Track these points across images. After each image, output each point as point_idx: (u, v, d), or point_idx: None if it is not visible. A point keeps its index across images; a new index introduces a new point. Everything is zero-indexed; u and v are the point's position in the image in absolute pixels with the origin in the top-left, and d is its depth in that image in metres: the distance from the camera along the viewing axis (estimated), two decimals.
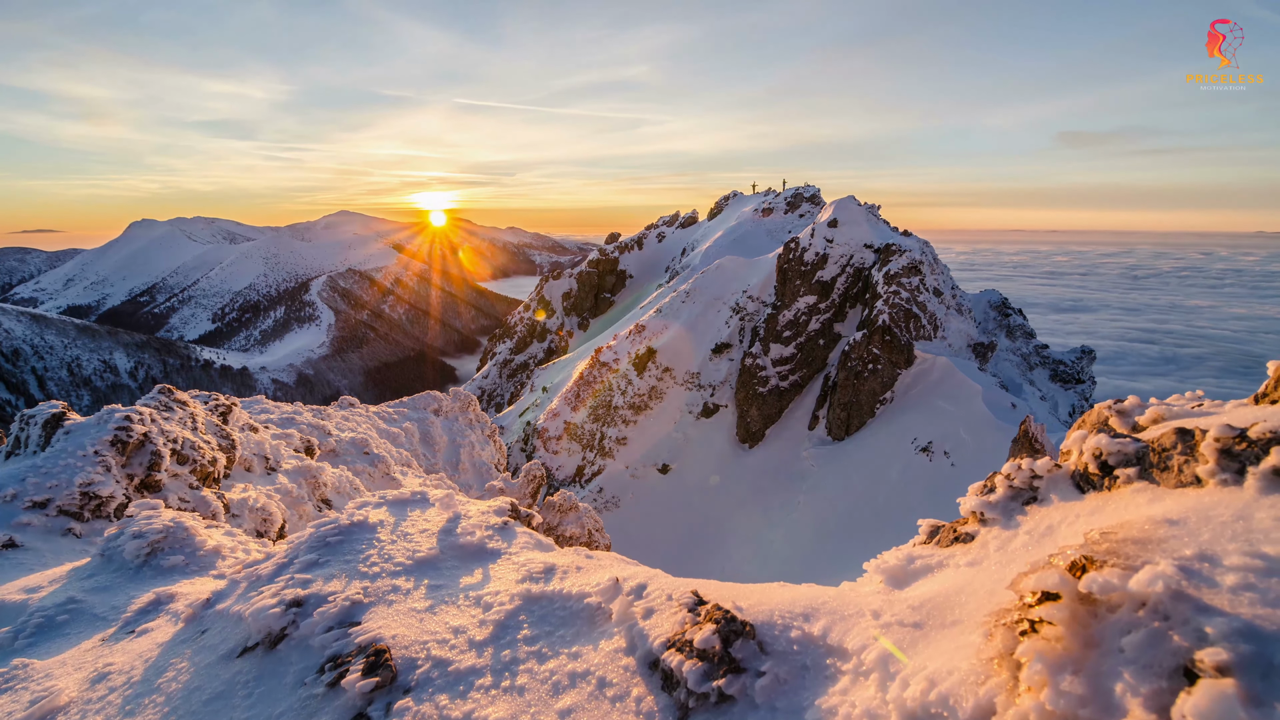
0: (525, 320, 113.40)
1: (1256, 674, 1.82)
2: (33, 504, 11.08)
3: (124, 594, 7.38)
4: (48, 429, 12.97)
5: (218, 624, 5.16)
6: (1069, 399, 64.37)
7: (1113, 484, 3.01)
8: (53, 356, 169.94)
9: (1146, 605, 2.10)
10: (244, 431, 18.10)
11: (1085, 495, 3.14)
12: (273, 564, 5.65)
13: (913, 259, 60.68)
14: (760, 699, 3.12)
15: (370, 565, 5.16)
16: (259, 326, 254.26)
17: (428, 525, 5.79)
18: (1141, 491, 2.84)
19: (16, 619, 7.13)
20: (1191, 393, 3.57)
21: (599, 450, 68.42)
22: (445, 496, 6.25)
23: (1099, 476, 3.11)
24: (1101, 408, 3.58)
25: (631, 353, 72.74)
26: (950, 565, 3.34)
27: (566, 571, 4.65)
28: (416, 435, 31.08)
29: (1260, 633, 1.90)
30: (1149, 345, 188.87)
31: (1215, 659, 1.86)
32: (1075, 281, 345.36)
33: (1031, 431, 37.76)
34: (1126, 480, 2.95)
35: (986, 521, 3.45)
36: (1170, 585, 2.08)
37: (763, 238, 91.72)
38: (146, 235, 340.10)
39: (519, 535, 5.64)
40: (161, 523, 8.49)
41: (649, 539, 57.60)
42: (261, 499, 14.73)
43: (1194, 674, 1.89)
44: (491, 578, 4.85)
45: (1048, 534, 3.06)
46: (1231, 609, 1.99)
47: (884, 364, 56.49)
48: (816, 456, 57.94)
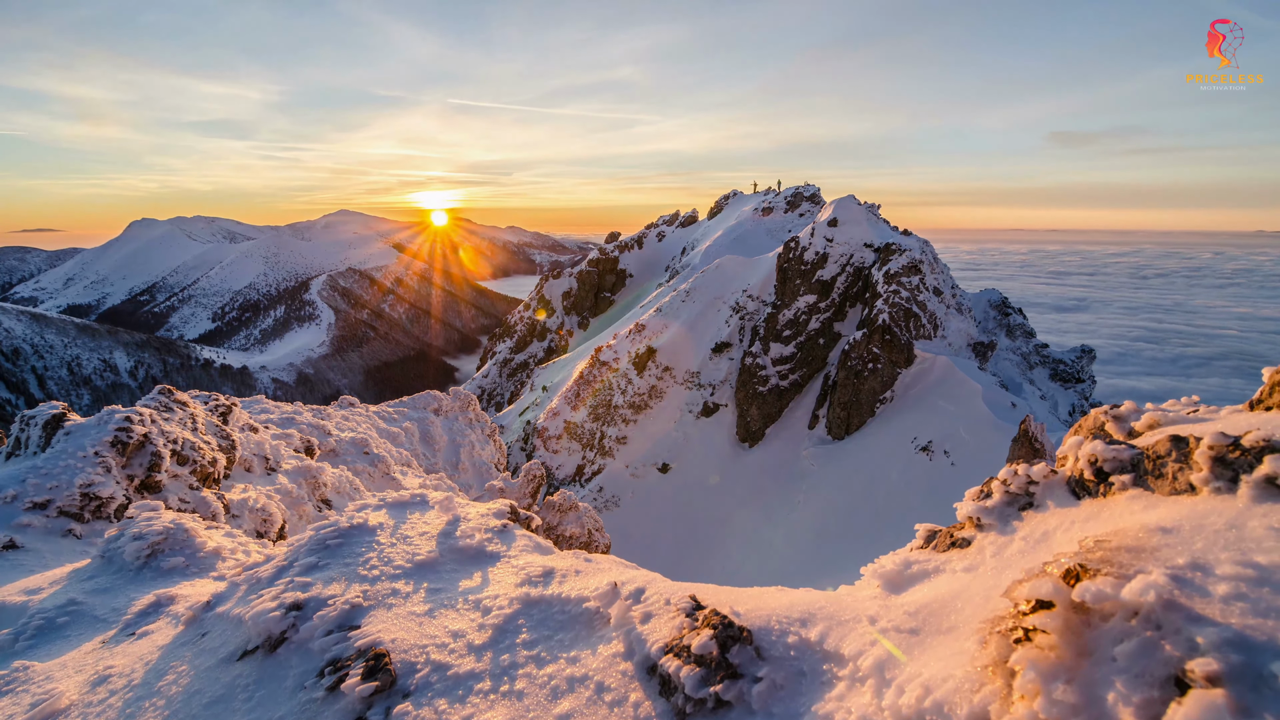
0: (525, 319, 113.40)
1: (1246, 684, 1.83)
2: (33, 505, 11.10)
3: (124, 596, 7.39)
4: (48, 430, 12.99)
5: (218, 627, 5.18)
6: (1069, 398, 64.37)
7: (1108, 490, 3.03)
8: (53, 356, 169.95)
9: (1139, 614, 2.12)
10: (244, 432, 18.11)
11: (1081, 501, 3.15)
12: (272, 566, 5.67)
13: (913, 258, 60.68)
14: (757, 705, 3.14)
15: (370, 568, 5.17)
16: (259, 326, 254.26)
17: (427, 528, 5.81)
18: (1137, 499, 2.85)
19: (17, 621, 7.15)
20: (1187, 398, 3.58)
21: (599, 449, 68.45)
22: (445, 499, 6.26)
23: (1095, 483, 3.12)
24: (1098, 413, 3.59)
25: (631, 352, 72.75)
26: (947, 570, 3.36)
27: (565, 575, 4.67)
28: (416, 435, 31.10)
29: (1251, 643, 1.91)
30: (1155, 345, 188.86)
31: (1206, 669, 1.87)
32: (1082, 281, 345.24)
33: (1031, 431, 37.77)
34: (1122, 487, 2.97)
35: (983, 527, 3.46)
36: (1162, 595, 2.09)
37: (763, 237, 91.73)
38: (146, 234, 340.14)
39: (518, 538, 5.66)
40: (161, 524, 8.51)
41: (649, 538, 57.64)
42: (261, 500, 14.74)
43: (1185, 684, 1.91)
44: (490, 581, 4.87)
45: (1043, 540, 3.07)
46: (1223, 619, 2.01)
47: (884, 363, 56.49)
48: (816, 456, 57.95)
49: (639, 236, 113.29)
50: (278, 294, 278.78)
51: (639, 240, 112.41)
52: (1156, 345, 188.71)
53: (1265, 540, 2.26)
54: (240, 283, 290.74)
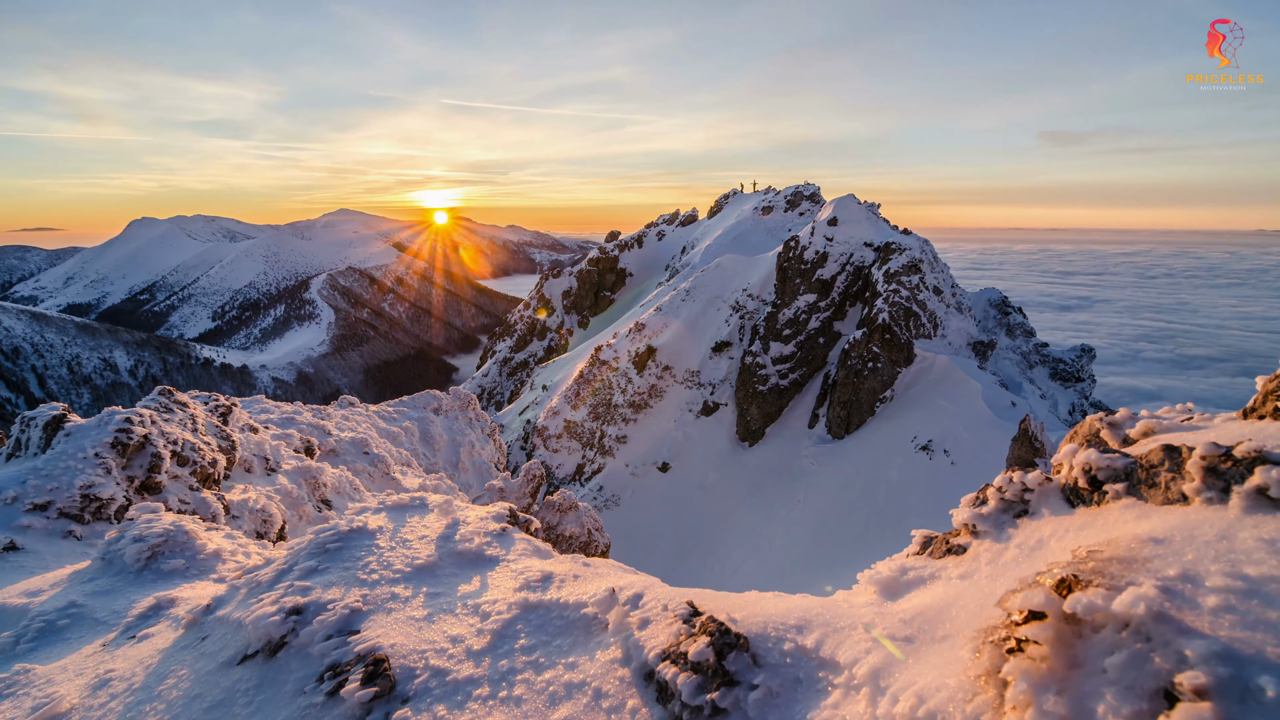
0: (525, 318, 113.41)
1: (1234, 698, 1.85)
2: (33, 506, 11.12)
3: (125, 598, 7.42)
4: (48, 431, 13.01)
5: (218, 630, 5.20)
6: (1069, 397, 64.39)
7: (1102, 499, 3.04)
8: (53, 355, 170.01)
9: (1129, 626, 2.14)
10: (244, 432, 18.14)
11: (1075, 510, 3.17)
12: (272, 570, 5.70)
13: (912, 257, 60.69)
14: (753, 712, 3.16)
15: (369, 572, 5.20)
16: (259, 325, 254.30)
17: (426, 531, 5.83)
18: (1130, 508, 2.87)
19: (18, 623, 7.17)
20: (1182, 404, 3.60)
21: (599, 448, 68.49)
22: (444, 502, 6.29)
23: (1089, 491, 3.14)
24: (1093, 420, 3.61)
25: (631, 351, 72.77)
26: (942, 578, 3.38)
27: (564, 580, 4.69)
28: (416, 434, 31.13)
29: (1239, 656, 1.93)
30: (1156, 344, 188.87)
31: (1194, 682, 1.89)
32: (1089, 280, 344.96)
33: (1031, 430, 37.76)
34: (1115, 496, 2.99)
35: (979, 534, 3.48)
36: (1152, 607, 2.11)
37: (763, 236, 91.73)
38: (146, 233, 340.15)
39: (517, 542, 5.68)
40: (162, 526, 8.53)
41: (649, 537, 57.70)
42: (261, 500, 14.77)
43: (1174, 696, 1.93)
44: (489, 586, 4.90)
45: (1038, 548, 3.09)
46: (1211, 631, 2.03)
47: (884, 362, 56.51)
48: (816, 455, 57.97)
49: (639, 235, 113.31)
50: (278, 293, 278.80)
51: (639, 239, 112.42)
52: (1158, 345, 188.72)
53: (1255, 552, 2.28)
54: (240, 282, 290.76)
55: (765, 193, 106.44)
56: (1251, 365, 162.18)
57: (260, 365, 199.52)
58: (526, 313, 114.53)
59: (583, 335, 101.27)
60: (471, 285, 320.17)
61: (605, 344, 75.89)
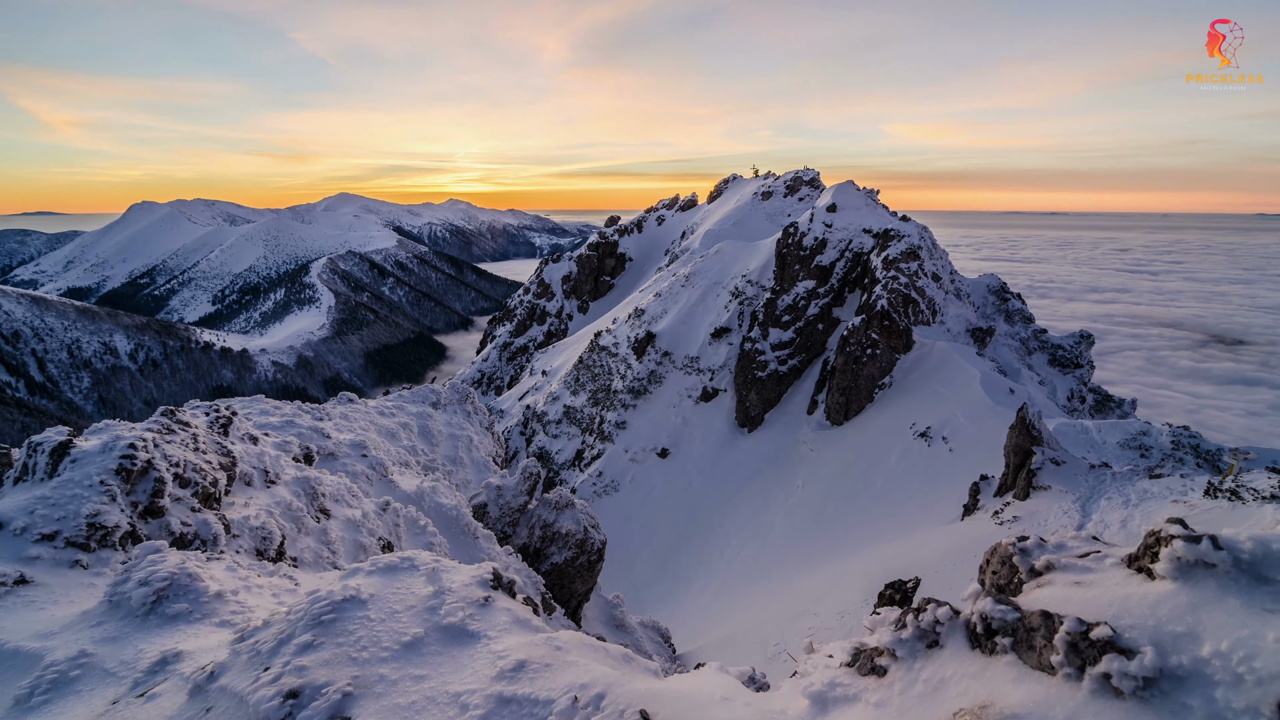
0: (525, 303, 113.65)
1: None
2: (41, 537, 11.53)
3: (132, 646, 7.84)
4: (54, 457, 13.40)
5: (221, 703, 5.61)
6: (1067, 383, 64.74)
7: (992, 650, 3.42)
8: (53, 339, 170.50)
9: None
10: (244, 442, 18.52)
11: (975, 651, 3.55)
12: (272, 637, 6.09)
13: (911, 244, 60.79)
14: None
15: (360, 649, 5.59)
16: (259, 309, 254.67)
17: (414, 601, 6.23)
18: (1012, 666, 3.24)
19: (32, 672, 7.62)
20: (1087, 533, 3.95)
21: (598, 434, 69.11)
22: (431, 569, 6.69)
23: (984, 638, 3.51)
24: (1006, 544, 3.98)
25: (631, 337, 73.17)
26: (862, 701, 3.77)
27: (536, 671, 5.06)
28: (415, 429, 31.54)
29: None
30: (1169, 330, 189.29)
31: None
32: (1103, 264, 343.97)
33: (1028, 419, 38.14)
34: (1003, 649, 3.36)
35: (897, 659, 3.87)
36: None
37: (762, 221, 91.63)
38: (146, 217, 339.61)
39: (499, 613, 6.08)
40: (166, 569, 8.95)
41: (648, 523, 58.48)
42: (262, 517, 15.20)
43: None
44: (467, 669, 5.30)
45: (939, 689, 3.47)
46: None
47: (882, 349, 56.82)
48: (815, 441, 58.51)
49: (638, 220, 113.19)
50: (278, 277, 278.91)
51: (638, 224, 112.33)
52: (1184, 332, 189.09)
53: None
54: (240, 266, 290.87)
55: (765, 177, 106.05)
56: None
57: (260, 349, 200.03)
58: (526, 297, 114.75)
59: (582, 320, 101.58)
60: (471, 269, 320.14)
61: (605, 330, 76.28)
